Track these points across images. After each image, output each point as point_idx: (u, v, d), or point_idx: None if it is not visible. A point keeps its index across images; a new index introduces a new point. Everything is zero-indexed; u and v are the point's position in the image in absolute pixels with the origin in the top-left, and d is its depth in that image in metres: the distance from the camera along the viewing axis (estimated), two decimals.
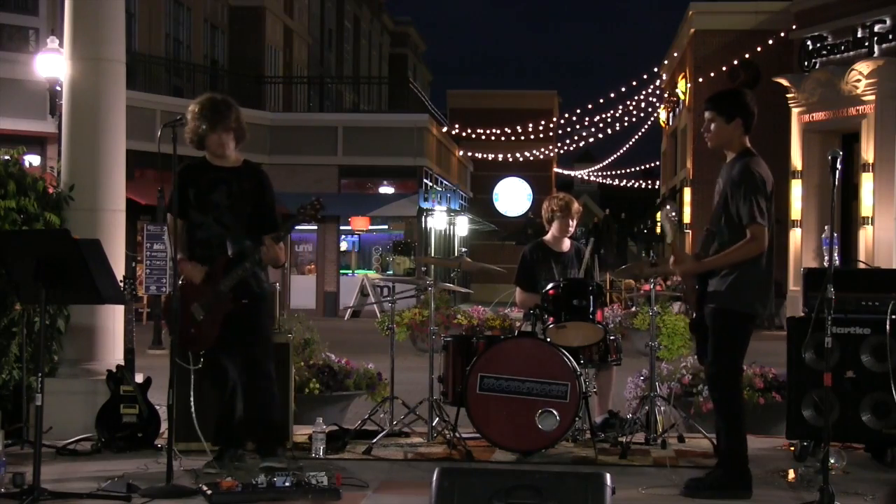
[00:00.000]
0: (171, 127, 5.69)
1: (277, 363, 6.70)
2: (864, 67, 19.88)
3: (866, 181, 19.77)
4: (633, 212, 46.99)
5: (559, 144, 41.81)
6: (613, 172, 49.30)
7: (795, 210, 21.56)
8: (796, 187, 21.47)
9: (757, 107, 5.73)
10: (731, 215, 5.54)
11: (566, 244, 7.66)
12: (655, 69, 32.49)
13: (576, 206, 7.65)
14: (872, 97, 19.75)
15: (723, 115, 5.65)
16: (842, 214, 19.94)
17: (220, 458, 6.02)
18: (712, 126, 5.69)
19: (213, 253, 5.98)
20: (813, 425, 6.31)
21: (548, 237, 7.66)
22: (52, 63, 16.50)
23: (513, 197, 45.25)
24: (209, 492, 5.28)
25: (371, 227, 30.42)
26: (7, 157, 7.21)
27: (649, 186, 47.77)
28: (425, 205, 29.30)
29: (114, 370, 6.79)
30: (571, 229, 7.63)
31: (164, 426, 6.53)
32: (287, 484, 5.32)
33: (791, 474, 6.01)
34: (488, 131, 35.46)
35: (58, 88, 15.36)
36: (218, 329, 5.90)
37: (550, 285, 7.02)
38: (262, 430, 6.06)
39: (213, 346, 5.97)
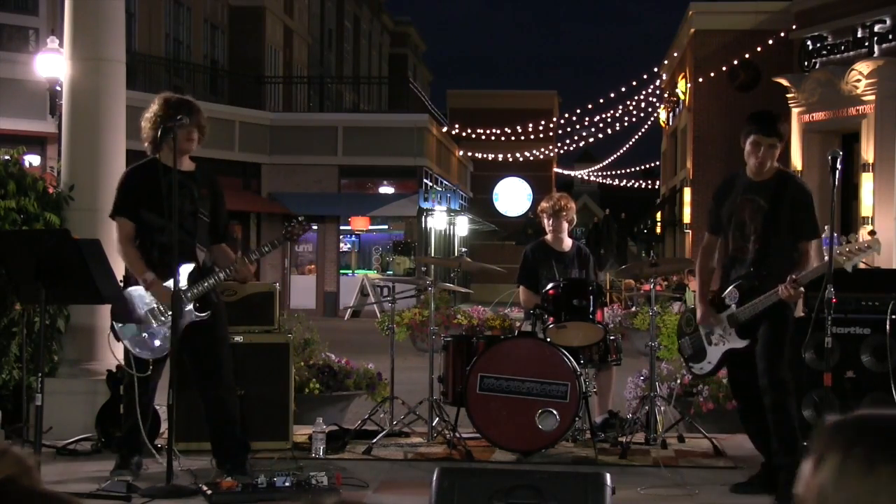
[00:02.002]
0: (171, 127, 5.67)
1: (277, 363, 6.73)
2: (864, 67, 19.89)
3: (866, 181, 19.78)
4: (633, 212, 46.99)
5: (559, 144, 41.81)
6: (613, 172, 49.35)
7: None
8: None
9: None
10: (784, 229, 5.59)
11: (567, 243, 7.64)
12: (655, 69, 32.49)
13: (563, 203, 7.54)
14: (872, 97, 19.76)
15: (782, 141, 5.72)
16: (842, 214, 19.94)
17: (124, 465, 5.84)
18: (774, 153, 5.68)
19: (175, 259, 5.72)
20: (813, 425, 6.30)
21: (549, 236, 7.65)
22: (52, 63, 16.50)
23: (513, 197, 45.27)
24: (209, 492, 5.28)
25: (371, 227, 30.43)
26: (7, 157, 7.22)
27: (649, 186, 47.77)
28: (425, 205, 29.30)
29: (114, 370, 6.79)
30: (564, 228, 7.56)
31: (164, 426, 6.54)
32: (287, 484, 5.32)
33: None
34: (488, 131, 35.46)
35: (58, 88, 15.34)
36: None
37: (550, 285, 7.01)
38: (229, 445, 5.84)
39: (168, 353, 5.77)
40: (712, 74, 25.97)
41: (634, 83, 31.54)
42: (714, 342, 5.85)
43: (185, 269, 5.75)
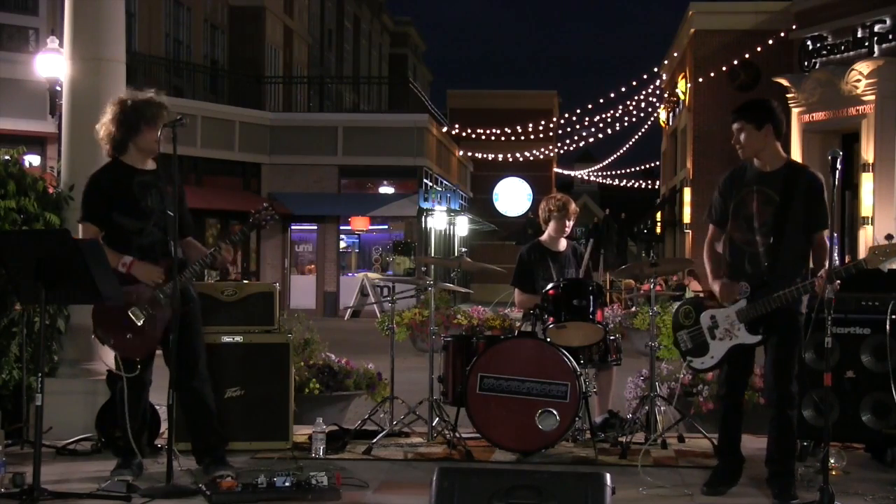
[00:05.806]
0: (171, 127, 5.68)
1: (277, 363, 6.74)
2: (864, 67, 19.90)
3: (866, 181, 19.79)
4: (633, 212, 46.99)
5: (559, 144, 41.82)
6: (613, 172, 49.39)
7: None
8: None
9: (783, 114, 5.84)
10: (796, 221, 5.55)
11: (563, 244, 7.65)
12: (655, 69, 32.51)
13: (573, 206, 7.63)
14: (872, 97, 19.77)
15: (752, 123, 5.67)
16: (842, 214, 19.95)
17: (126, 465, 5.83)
18: (742, 136, 5.67)
19: (156, 258, 5.79)
20: (813, 425, 6.30)
21: (544, 237, 7.66)
22: (52, 63, 16.51)
23: (513, 197, 45.28)
24: (209, 492, 5.28)
25: (371, 227, 30.42)
26: (7, 157, 7.21)
27: (649, 186, 47.78)
28: (425, 205, 29.31)
29: (114, 370, 6.78)
30: (568, 230, 7.62)
31: (164, 426, 6.54)
32: (287, 484, 5.32)
33: None
34: (488, 131, 35.47)
35: (58, 88, 15.35)
36: (161, 334, 5.74)
37: (550, 285, 7.01)
38: (208, 437, 5.87)
39: (154, 351, 5.81)
40: (712, 74, 25.98)
41: (634, 83, 31.61)
42: (718, 336, 5.71)
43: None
